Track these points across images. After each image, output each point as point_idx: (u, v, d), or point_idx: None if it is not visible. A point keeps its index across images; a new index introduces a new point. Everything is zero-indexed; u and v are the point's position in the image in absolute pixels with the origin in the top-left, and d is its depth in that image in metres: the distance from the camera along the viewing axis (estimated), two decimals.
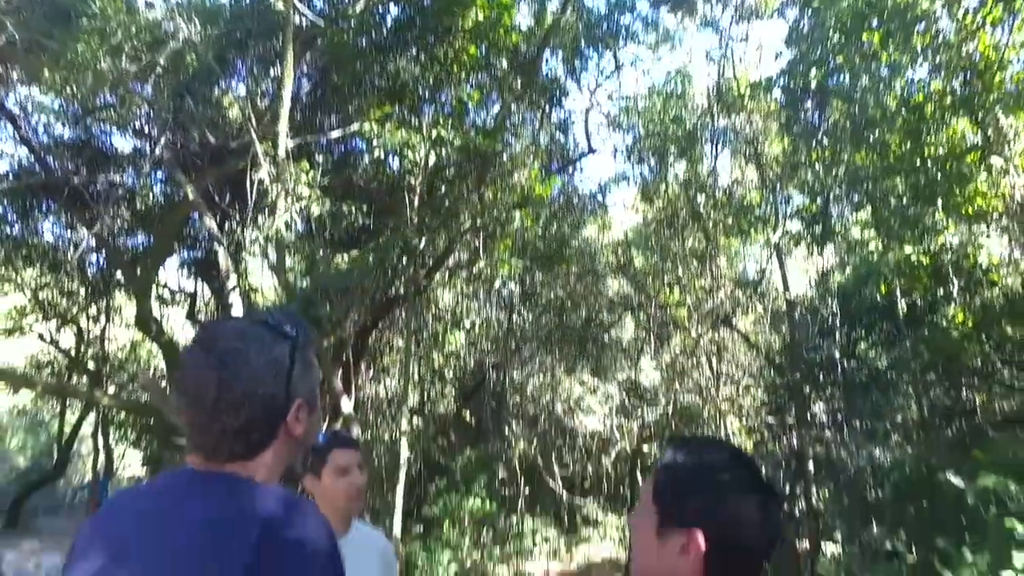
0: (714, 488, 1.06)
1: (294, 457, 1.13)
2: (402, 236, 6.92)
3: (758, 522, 1.04)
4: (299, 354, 1.10)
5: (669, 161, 10.17)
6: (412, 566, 10.07)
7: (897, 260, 6.69)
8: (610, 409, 14.25)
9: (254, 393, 1.04)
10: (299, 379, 1.09)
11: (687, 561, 1.02)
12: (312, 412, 1.12)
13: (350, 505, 2.14)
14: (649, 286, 11.95)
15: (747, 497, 1.05)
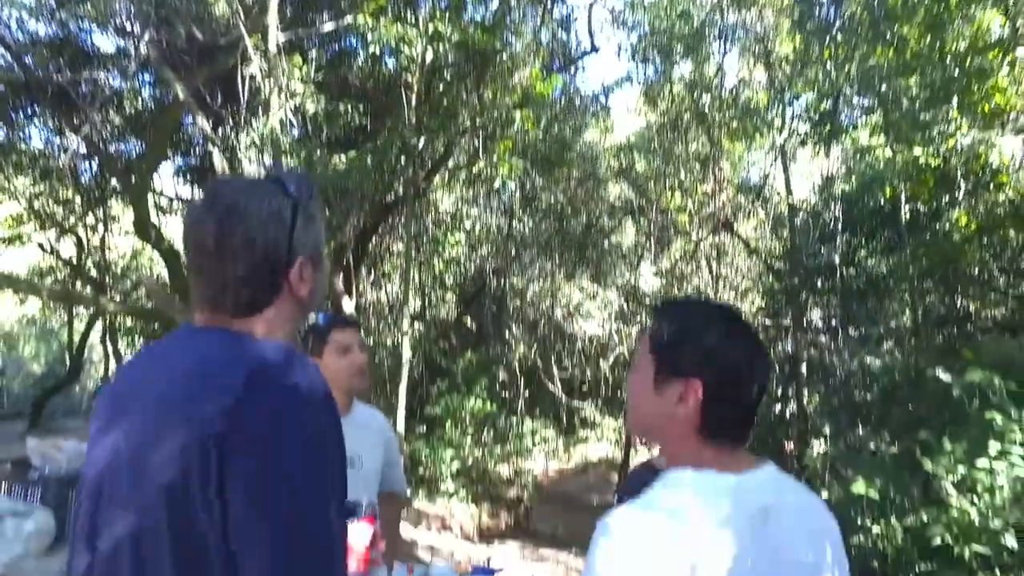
0: (709, 339, 1.08)
1: (298, 319, 1.12)
2: (400, 136, 6.76)
3: (748, 371, 1.08)
4: (302, 209, 1.08)
5: (675, 59, 9.78)
6: (416, 463, 10.54)
7: (905, 162, 6.56)
8: (609, 314, 14.46)
9: (254, 240, 1.03)
10: (302, 234, 1.07)
11: (685, 408, 1.07)
12: (316, 271, 1.10)
13: (352, 383, 2.19)
14: (651, 190, 11.83)
15: (738, 347, 1.09)
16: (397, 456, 2.45)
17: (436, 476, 10.59)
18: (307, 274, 1.08)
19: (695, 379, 1.06)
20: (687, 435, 1.08)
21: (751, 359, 1.09)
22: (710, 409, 1.06)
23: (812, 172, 11.75)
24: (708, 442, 1.07)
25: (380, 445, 2.33)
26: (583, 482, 15.82)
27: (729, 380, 1.07)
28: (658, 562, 0.94)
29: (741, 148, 11.90)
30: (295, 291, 1.08)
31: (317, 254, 1.10)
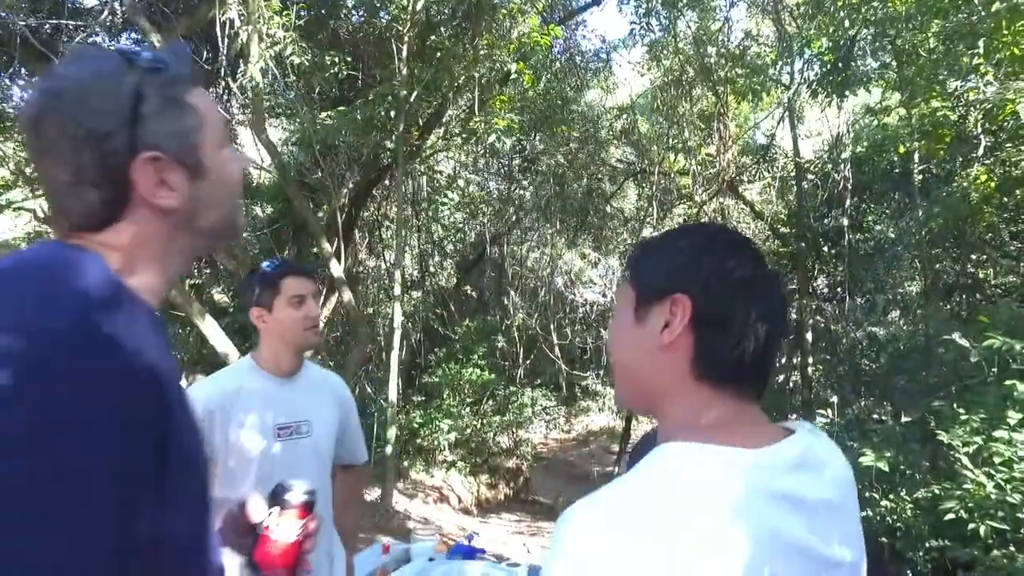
0: (695, 246, 0.86)
1: (183, 244, 0.83)
2: (390, 89, 6.41)
3: (749, 292, 0.82)
4: (156, 88, 0.78)
5: (680, 12, 9.30)
6: (412, 433, 10.39)
7: (921, 117, 6.20)
8: (611, 281, 14.21)
9: (75, 129, 0.74)
10: (154, 121, 0.78)
11: (671, 336, 0.82)
12: (198, 177, 0.81)
13: (306, 336, 1.95)
14: (653, 153, 11.45)
15: (736, 260, 0.84)
16: (356, 423, 2.21)
17: (434, 447, 10.44)
18: (173, 178, 0.80)
19: (680, 294, 0.82)
20: (679, 379, 0.83)
21: (754, 279, 0.84)
22: (704, 336, 0.81)
23: (820, 132, 11.36)
24: (707, 389, 0.82)
25: (334, 410, 2.08)
26: (584, 452, 15.77)
27: (725, 296, 0.82)
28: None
29: (747, 107, 11.48)
30: (152, 200, 0.78)
31: (187, 151, 0.81)
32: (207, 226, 0.85)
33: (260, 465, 1.87)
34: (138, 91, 0.78)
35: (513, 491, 12.12)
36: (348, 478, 2.28)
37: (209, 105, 0.86)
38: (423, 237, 13.22)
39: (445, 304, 13.20)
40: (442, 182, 11.78)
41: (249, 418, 1.89)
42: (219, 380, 1.97)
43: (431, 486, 9.96)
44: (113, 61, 0.79)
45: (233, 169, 0.88)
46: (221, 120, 0.88)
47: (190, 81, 0.84)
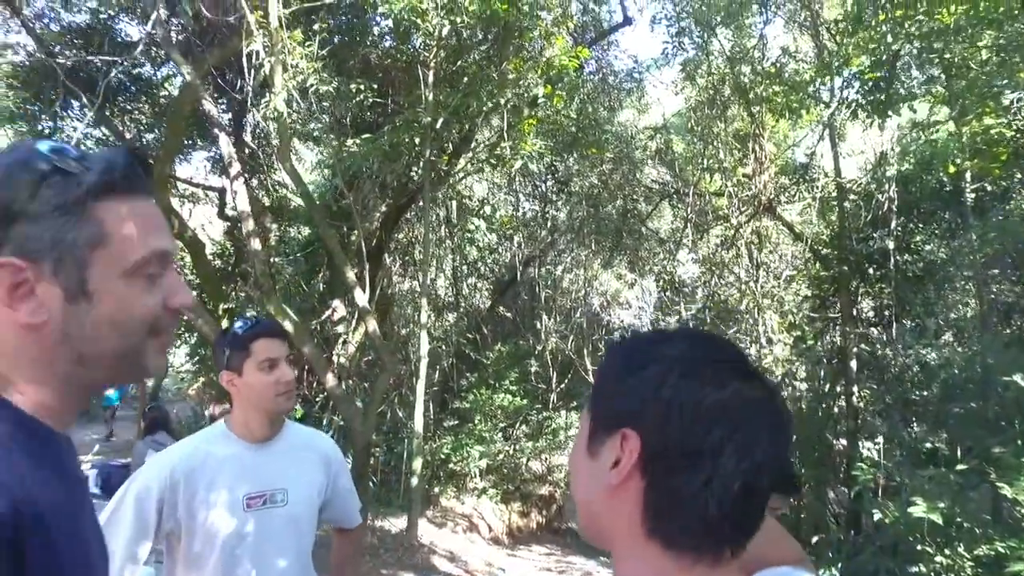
0: (664, 364, 0.69)
1: (71, 371, 0.72)
2: (416, 116, 6.35)
3: (731, 417, 0.65)
4: (53, 191, 0.68)
5: (714, 30, 9.08)
6: (443, 459, 10.24)
7: (973, 134, 5.84)
8: (647, 303, 13.90)
9: None
10: (32, 224, 0.67)
11: (618, 477, 0.67)
12: (71, 296, 0.69)
13: (278, 402, 1.80)
14: (688, 172, 11.18)
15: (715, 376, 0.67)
16: (346, 484, 2.06)
17: (465, 472, 10.27)
18: (42, 293, 0.68)
19: (630, 428, 0.67)
20: (628, 530, 0.68)
21: (732, 405, 0.66)
22: (656, 481, 0.66)
23: (863, 151, 10.94)
24: (658, 548, 0.66)
25: (318, 474, 1.94)
26: None
27: (687, 429, 0.65)
28: None
29: (785, 126, 11.14)
30: (12, 310, 0.68)
31: (70, 271, 0.69)
32: (93, 357, 0.72)
33: (225, 541, 1.73)
34: (28, 189, 0.67)
35: (546, 519, 11.83)
36: (343, 541, 2.15)
37: (126, 226, 0.72)
38: (457, 258, 13.16)
39: (479, 327, 13.07)
40: (474, 205, 11.72)
41: (214, 489, 1.76)
42: (186, 446, 1.85)
43: (461, 514, 9.76)
44: (26, 154, 0.69)
45: (139, 304, 0.72)
46: (141, 246, 0.72)
47: (108, 192, 0.71)
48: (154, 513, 1.71)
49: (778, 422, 0.67)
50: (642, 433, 0.66)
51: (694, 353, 0.70)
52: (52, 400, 0.72)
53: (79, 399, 0.75)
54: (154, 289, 0.74)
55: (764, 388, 0.68)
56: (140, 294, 0.72)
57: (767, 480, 0.65)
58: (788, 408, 0.68)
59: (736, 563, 0.67)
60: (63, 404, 0.73)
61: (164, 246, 0.74)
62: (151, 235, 0.73)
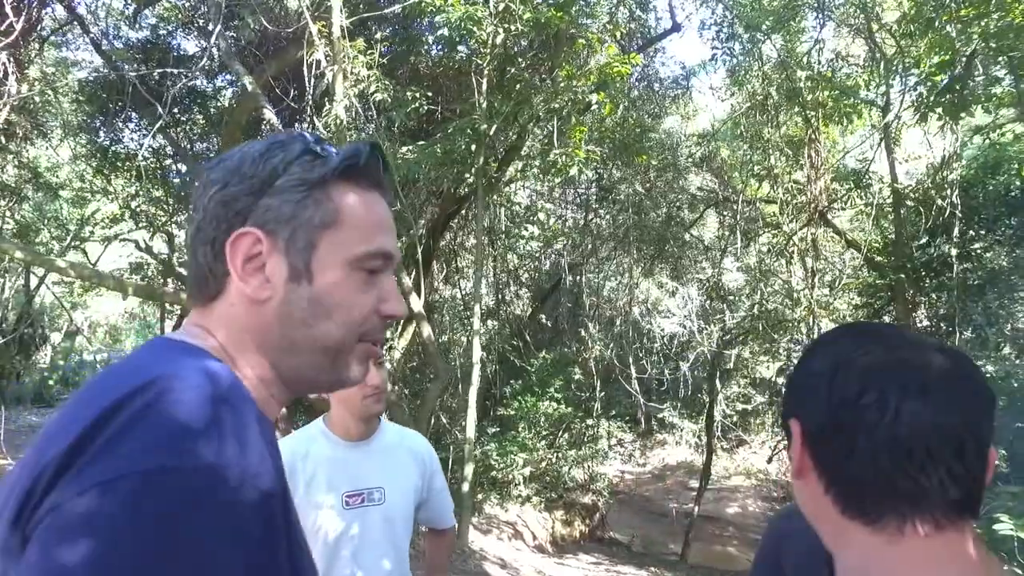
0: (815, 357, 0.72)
1: (286, 357, 0.71)
2: (470, 123, 6.41)
3: (884, 373, 0.65)
4: (300, 169, 0.70)
5: (764, 34, 8.95)
6: (487, 466, 10.24)
7: None
8: (690, 312, 13.73)
9: (221, 192, 0.70)
10: (277, 198, 0.69)
11: (794, 464, 0.72)
12: (294, 275, 0.69)
13: (366, 405, 1.82)
14: (735, 179, 11.02)
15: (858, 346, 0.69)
16: (441, 485, 2.06)
17: (508, 480, 10.24)
18: (271, 267, 0.69)
19: (792, 418, 0.72)
20: (828, 517, 0.69)
21: (881, 362, 0.66)
22: (821, 456, 0.69)
23: (919, 156, 10.64)
24: (861, 526, 0.65)
25: (414, 474, 1.94)
26: (660, 488, 15.17)
27: (838, 397, 0.66)
28: None
29: (835, 132, 10.91)
30: (242, 282, 0.69)
31: (299, 248, 0.69)
32: (302, 345, 0.71)
33: (326, 537, 1.75)
34: (283, 167, 0.70)
35: (589, 528, 11.73)
36: (437, 543, 2.15)
37: (359, 214, 0.72)
38: (499, 266, 13.21)
39: (520, 334, 13.07)
40: (520, 212, 11.76)
41: (315, 487, 1.78)
42: (286, 443, 1.87)
43: (505, 521, 9.74)
44: (288, 137, 0.73)
45: (354, 298, 0.71)
46: (369, 239, 0.72)
47: (348, 177, 0.72)
48: None
49: (931, 381, 0.63)
50: (800, 417, 0.70)
51: (844, 337, 0.72)
52: (265, 384, 0.71)
53: (283, 391, 0.73)
54: (370, 289, 0.73)
55: (921, 351, 0.66)
56: (357, 288, 0.72)
57: (935, 442, 0.62)
58: (958, 370, 0.65)
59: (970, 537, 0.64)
60: (271, 391, 0.72)
61: (390, 248, 0.74)
62: (381, 232, 0.74)
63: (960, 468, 0.62)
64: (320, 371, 0.73)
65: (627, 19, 9.19)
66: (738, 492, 14.83)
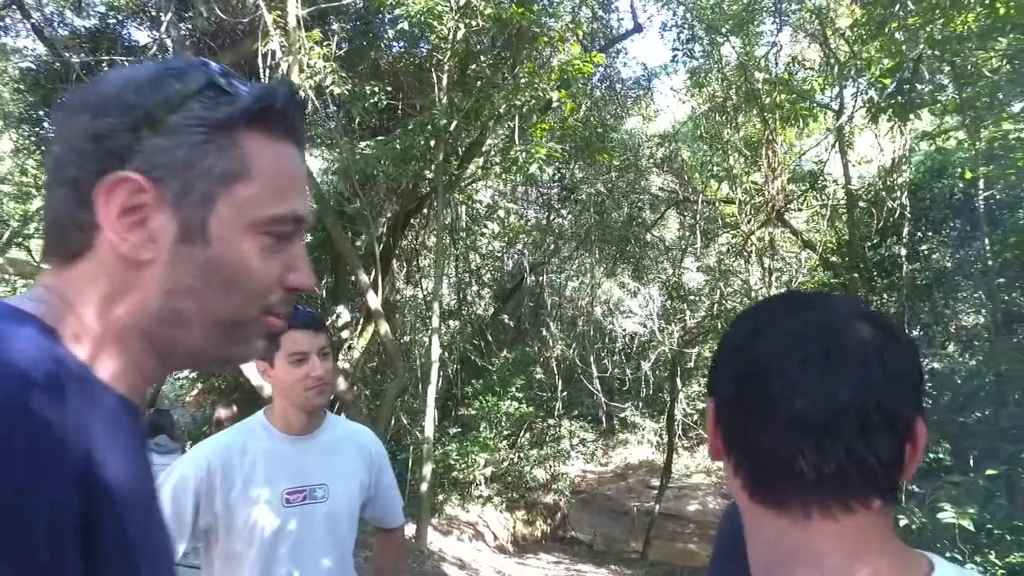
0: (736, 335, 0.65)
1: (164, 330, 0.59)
2: (430, 119, 6.33)
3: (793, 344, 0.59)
4: (201, 106, 0.57)
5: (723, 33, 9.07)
6: (448, 467, 10.15)
7: (989, 140, 5.83)
8: (651, 312, 13.86)
9: (91, 123, 0.56)
10: (168, 139, 0.56)
11: (710, 446, 0.67)
12: (185, 235, 0.57)
13: (308, 397, 1.72)
14: (696, 180, 11.17)
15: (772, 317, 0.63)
16: (390, 482, 1.98)
17: (469, 480, 10.17)
18: (154, 222, 0.57)
19: (711, 396, 0.67)
20: (735, 490, 0.65)
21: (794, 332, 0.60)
22: (729, 435, 0.63)
23: (871, 159, 10.95)
24: (764, 510, 0.61)
25: (360, 469, 1.86)
26: (622, 487, 15.26)
27: (744, 372, 0.61)
28: None
29: (791, 134, 11.16)
30: (116, 238, 0.56)
31: (194, 203, 0.57)
32: (191, 316, 0.59)
33: (265, 539, 1.66)
34: (178, 101, 0.57)
35: (550, 528, 11.73)
36: (386, 542, 2.07)
37: (272, 169, 0.60)
38: (461, 266, 13.12)
39: (482, 334, 13.01)
40: (481, 211, 11.70)
41: (253, 483, 1.68)
42: (223, 437, 1.77)
43: (466, 522, 9.65)
44: (185, 64, 0.59)
45: (258, 266, 0.60)
46: (281, 200, 0.61)
47: (263, 124, 0.60)
48: (191, 508, 1.64)
49: (834, 351, 0.57)
50: (714, 397, 0.65)
51: (767, 306, 0.67)
52: (134, 361, 0.59)
53: (155, 370, 0.61)
54: (277, 256, 0.62)
55: (839, 316, 0.60)
56: (262, 255, 0.60)
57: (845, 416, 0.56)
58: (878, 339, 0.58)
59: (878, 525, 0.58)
60: (140, 369, 0.60)
61: (303, 211, 0.63)
62: (294, 191, 0.62)
63: (862, 448, 0.56)
64: (210, 346, 0.61)
65: (589, 19, 9.23)
66: (699, 490, 15.00)
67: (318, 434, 1.81)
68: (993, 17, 5.30)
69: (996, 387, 7.40)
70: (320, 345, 1.75)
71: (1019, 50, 5.34)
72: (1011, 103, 6.11)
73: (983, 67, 6.47)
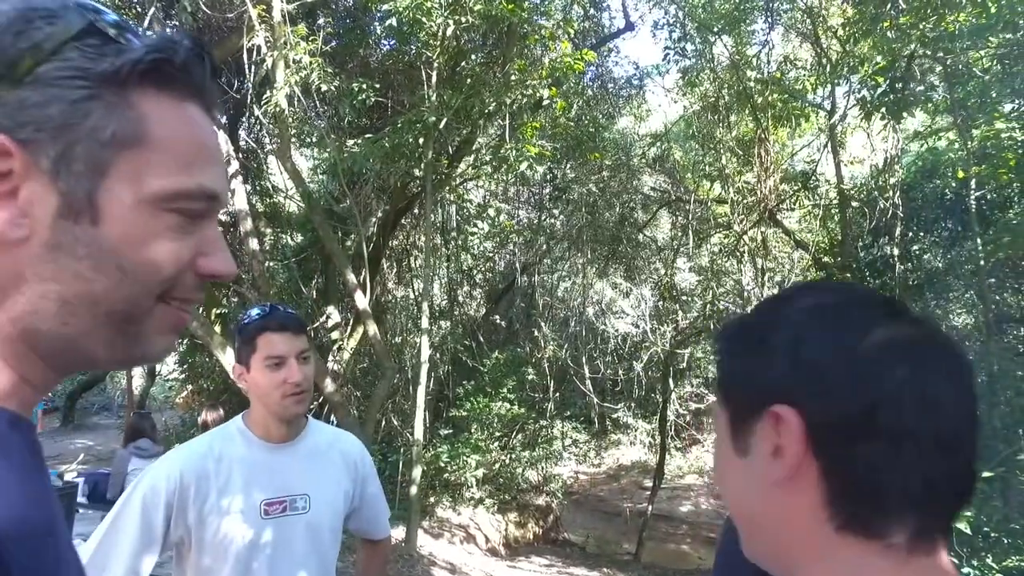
0: (800, 322, 0.57)
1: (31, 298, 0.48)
2: (419, 116, 6.24)
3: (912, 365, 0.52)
4: (83, 55, 0.46)
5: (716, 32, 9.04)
6: (439, 469, 10.06)
7: (981, 139, 5.80)
8: (643, 312, 13.82)
9: None
10: (42, 93, 0.46)
11: (786, 470, 0.54)
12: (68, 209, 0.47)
13: (284, 404, 1.62)
14: (688, 180, 11.14)
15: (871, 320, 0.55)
16: (376, 491, 1.89)
17: (461, 482, 10.08)
18: (27, 193, 0.46)
19: (780, 404, 0.55)
20: (810, 531, 0.55)
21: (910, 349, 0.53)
22: (834, 461, 0.53)
23: (863, 159, 10.96)
24: (859, 542, 0.53)
25: (344, 479, 1.77)
26: (615, 488, 15.22)
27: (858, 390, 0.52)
28: None
29: (783, 134, 11.15)
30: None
31: (77, 173, 0.47)
32: (79, 306, 0.49)
33: (239, 552, 1.56)
34: (48, 43, 0.46)
35: (543, 530, 11.65)
36: (371, 554, 1.98)
37: (175, 134, 0.50)
38: (452, 266, 13.04)
39: (474, 334, 12.92)
40: (472, 211, 11.63)
41: (228, 493, 1.59)
42: (198, 445, 1.67)
43: (457, 524, 9.56)
44: (57, 6, 0.48)
45: (160, 248, 0.50)
46: (188, 171, 0.51)
47: (161, 80, 0.50)
48: (162, 520, 1.54)
49: (956, 366, 0.53)
50: (797, 406, 0.54)
51: (827, 300, 0.59)
52: (12, 366, 0.50)
53: (44, 378, 0.52)
54: (186, 237, 0.52)
55: (926, 326, 0.55)
56: (165, 235, 0.50)
57: (966, 439, 0.52)
58: (962, 349, 0.55)
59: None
60: (26, 380, 0.51)
61: (216, 187, 0.53)
62: (205, 164, 0.52)
63: (973, 464, 0.53)
64: (102, 344, 0.51)
65: (581, 17, 9.16)
66: (691, 491, 14.98)
67: (299, 441, 1.72)
68: (984, 16, 5.27)
69: (988, 387, 7.37)
70: (299, 348, 1.65)
71: (1009, 49, 5.31)
72: (1002, 103, 6.09)
73: (975, 67, 6.46)
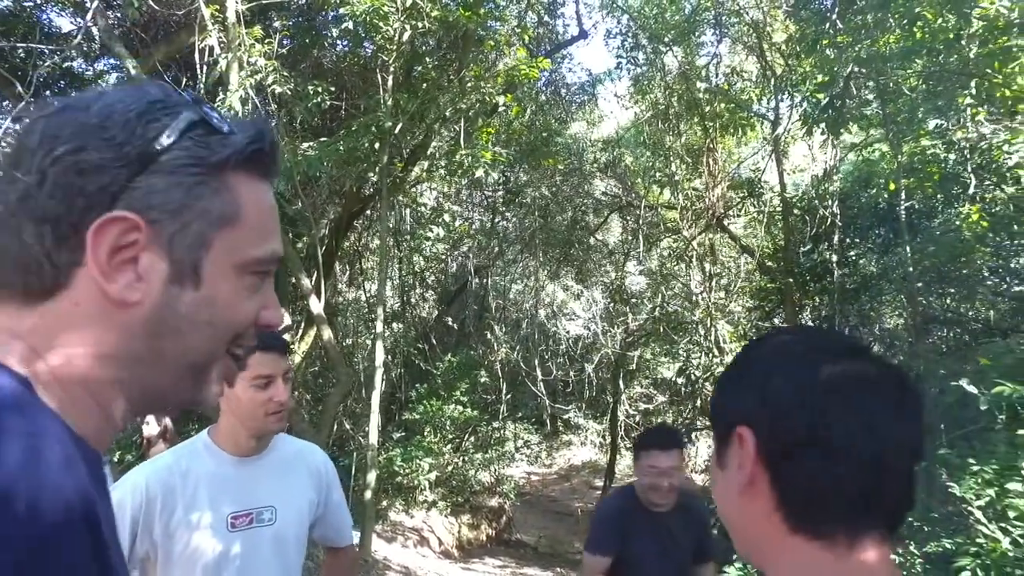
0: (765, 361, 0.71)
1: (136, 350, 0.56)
2: (375, 120, 6.23)
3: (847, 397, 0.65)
4: (193, 144, 0.55)
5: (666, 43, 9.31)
6: (392, 472, 10.02)
7: (910, 154, 6.17)
8: (594, 315, 14.05)
9: (60, 156, 0.52)
10: (163, 179, 0.54)
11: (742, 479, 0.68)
12: (178, 276, 0.56)
13: (267, 422, 1.67)
14: (638, 186, 11.41)
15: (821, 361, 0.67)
16: (339, 500, 1.94)
17: (414, 485, 10.06)
18: (146, 263, 0.54)
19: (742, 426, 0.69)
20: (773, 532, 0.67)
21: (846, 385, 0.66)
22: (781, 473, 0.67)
23: (804, 168, 11.43)
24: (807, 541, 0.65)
25: (309, 489, 1.81)
26: (566, 488, 15.41)
27: (801, 415, 0.65)
28: None
29: (730, 143, 11.54)
30: (104, 279, 0.53)
31: (188, 246, 0.56)
32: (172, 359, 0.58)
33: (207, 566, 1.59)
34: (171, 135, 0.54)
35: (496, 531, 11.72)
36: (335, 562, 2.02)
37: (259, 211, 0.60)
38: (404, 268, 12.99)
39: (426, 337, 12.90)
40: (425, 214, 11.62)
41: (195, 507, 1.61)
42: (163, 460, 1.69)
43: (411, 527, 9.55)
44: (168, 93, 0.57)
45: (241, 307, 0.60)
46: (265, 241, 0.61)
47: (252, 165, 0.59)
48: (127, 536, 1.56)
49: (904, 400, 0.65)
50: (754, 427, 0.67)
51: (794, 341, 0.72)
52: (104, 408, 0.56)
53: (123, 417, 0.59)
54: (256, 296, 0.62)
55: (880, 365, 0.67)
56: (245, 295, 0.60)
57: (903, 458, 0.64)
58: (914, 386, 0.67)
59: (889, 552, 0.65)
60: (109, 417, 0.57)
61: (280, 250, 0.63)
62: (275, 232, 0.62)
63: (910, 482, 0.64)
64: (179, 389, 0.61)
65: (535, 24, 9.28)
66: None
67: (267, 454, 1.75)
68: (911, 40, 5.60)
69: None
70: (285, 368, 1.70)
71: (932, 72, 5.67)
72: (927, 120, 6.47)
73: (903, 85, 6.85)
